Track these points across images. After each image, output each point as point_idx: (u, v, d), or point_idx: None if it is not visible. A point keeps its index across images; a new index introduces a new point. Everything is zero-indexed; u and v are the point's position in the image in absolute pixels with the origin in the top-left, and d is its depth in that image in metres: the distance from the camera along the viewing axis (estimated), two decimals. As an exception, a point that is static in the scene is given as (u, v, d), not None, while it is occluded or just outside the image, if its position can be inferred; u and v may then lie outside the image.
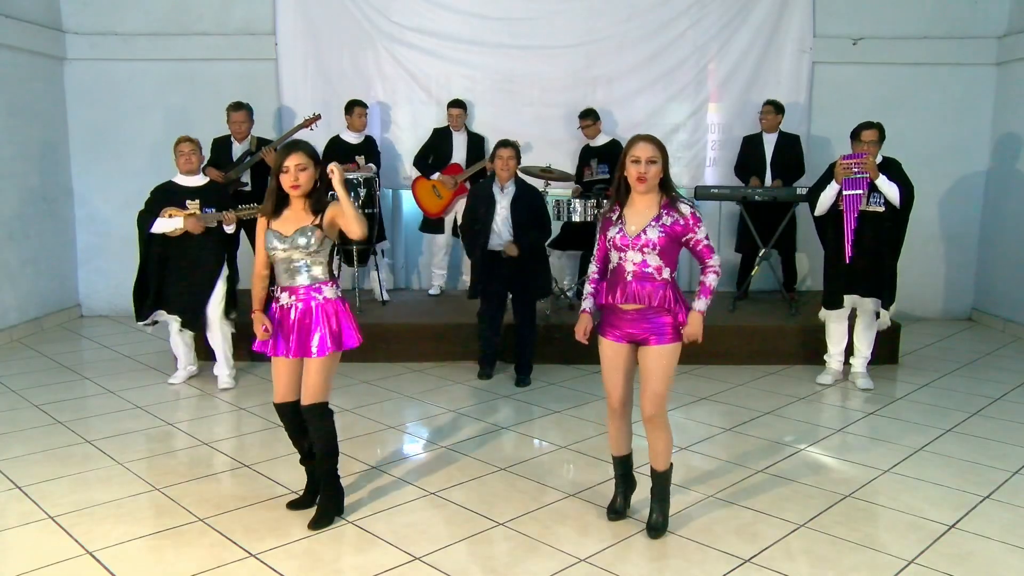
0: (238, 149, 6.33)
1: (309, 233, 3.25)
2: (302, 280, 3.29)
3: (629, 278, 3.13)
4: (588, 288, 3.36)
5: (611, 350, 3.23)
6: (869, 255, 5.10)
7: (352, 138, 6.77)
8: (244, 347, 5.91)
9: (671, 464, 3.33)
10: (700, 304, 3.17)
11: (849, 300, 5.31)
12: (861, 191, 5.05)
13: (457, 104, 6.94)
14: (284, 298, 3.32)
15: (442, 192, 6.86)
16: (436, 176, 6.90)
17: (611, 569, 3.04)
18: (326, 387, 3.32)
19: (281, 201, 3.29)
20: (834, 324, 5.45)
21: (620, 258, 3.15)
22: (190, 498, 3.63)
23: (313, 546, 3.22)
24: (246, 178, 6.28)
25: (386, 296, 6.82)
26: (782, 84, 7.32)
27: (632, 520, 3.43)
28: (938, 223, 7.54)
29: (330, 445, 3.38)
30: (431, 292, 7.23)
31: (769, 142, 6.79)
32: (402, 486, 3.80)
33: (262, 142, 6.32)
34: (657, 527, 3.27)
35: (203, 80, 7.31)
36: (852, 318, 5.48)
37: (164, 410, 4.90)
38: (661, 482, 3.30)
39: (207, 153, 6.29)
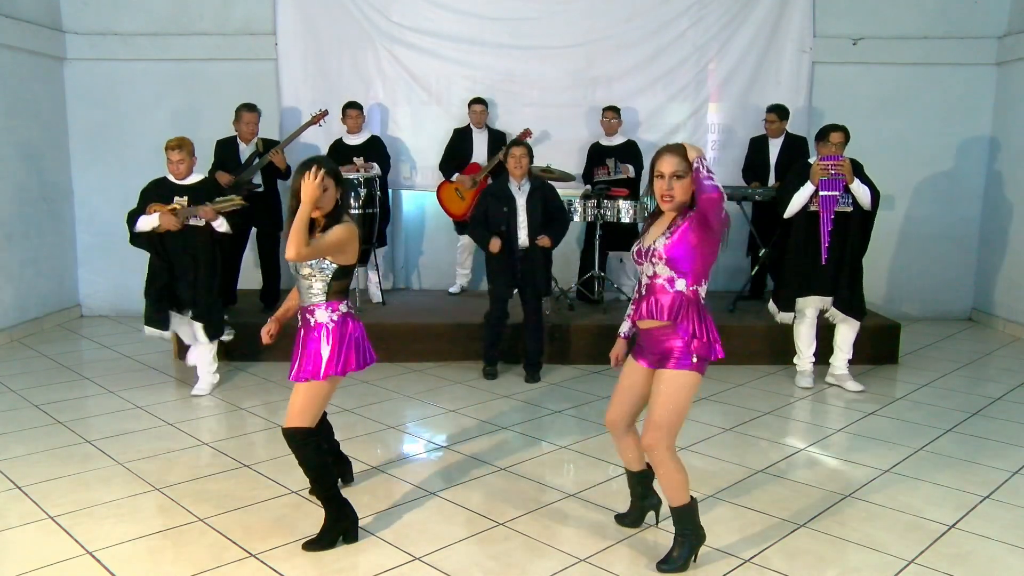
0: (244, 150, 6.29)
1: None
2: (306, 300, 3.19)
3: (644, 292, 2.93)
4: (629, 309, 3.10)
5: (628, 366, 3.08)
6: (837, 255, 5.16)
7: (352, 139, 6.76)
8: (245, 347, 5.94)
9: (688, 502, 2.96)
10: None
11: (815, 300, 5.30)
12: (837, 192, 5.10)
13: (479, 100, 6.95)
14: (300, 318, 3.24)
15: (464, 193, 6.83)
16: (455, 177, 6.88)
17: (611, 569, 3.04)
18: (306, 413, 3.14)
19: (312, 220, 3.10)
20: (805, 328, 5.43)
21: (640, 271, 2.95)
22: (190, 498, 3.63)
23: (313, 546, 3.23)
24: (257, 179, 6.25)
25: (380, 297, 6.83)
26: (782, 84, 7.32)
27: (632, 520, 3.43)
28: (938, 223, 7.54)
29: (313, 473, 3.17)
30: (451, 290, 7.26)
31: (775, 144, 6.79)
32: (402, 486, 3.80)
33: (268, 143, 6.26)
34: (666, 561, 2.98)
35: (203, 80, 7.31)
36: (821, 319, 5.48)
37: (164, 410, 4.90)
38: (675, 517, 2.99)
39: (211, 154, 6.27)
